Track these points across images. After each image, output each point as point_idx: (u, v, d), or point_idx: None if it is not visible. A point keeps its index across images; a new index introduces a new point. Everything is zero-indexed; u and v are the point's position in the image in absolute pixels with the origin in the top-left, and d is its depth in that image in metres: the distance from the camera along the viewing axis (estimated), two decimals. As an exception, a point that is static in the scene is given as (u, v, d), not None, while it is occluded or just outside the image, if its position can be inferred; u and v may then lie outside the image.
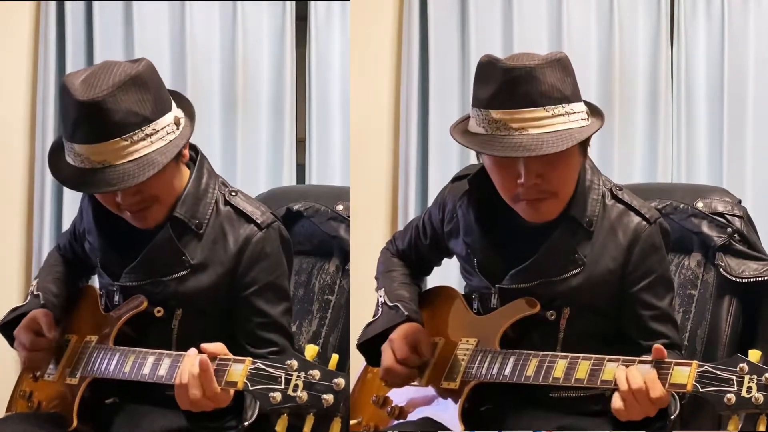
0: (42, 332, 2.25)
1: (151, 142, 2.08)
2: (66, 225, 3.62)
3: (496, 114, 2.05)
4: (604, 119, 2.17)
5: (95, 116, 2.03)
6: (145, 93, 2.07)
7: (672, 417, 1.98)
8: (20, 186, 3.67)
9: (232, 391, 1.94)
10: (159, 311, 2.20)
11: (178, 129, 2.13)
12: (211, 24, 3.72)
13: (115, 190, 2.07)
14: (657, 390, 1.92)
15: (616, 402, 1.95)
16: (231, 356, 1.94)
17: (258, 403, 1.96)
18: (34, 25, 3.67)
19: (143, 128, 2.06)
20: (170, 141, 2.11)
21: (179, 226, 2.20)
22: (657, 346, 1.96)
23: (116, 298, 2.26)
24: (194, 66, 3.69)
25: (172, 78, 3.65)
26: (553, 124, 2.04)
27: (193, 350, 2.00)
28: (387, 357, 2.23)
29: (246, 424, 2.04)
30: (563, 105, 2.05)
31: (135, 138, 2.06)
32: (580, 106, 2.09)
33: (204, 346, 1.98)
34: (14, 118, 3.66)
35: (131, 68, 2.08)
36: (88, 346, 2.24)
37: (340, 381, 1.81)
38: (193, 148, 2.28)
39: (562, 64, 2.07)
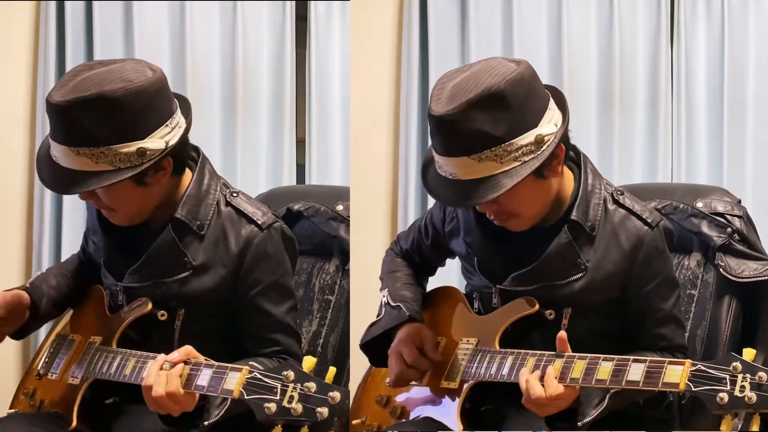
0: None
1: (96, 162, 2.07)
2: (66, 225, 3.64)
3: (436, 155, 2.07)
4: (561, 135, 2.07)
5: (56, 119, 2.07)
6: (108, 117, 2.05)
7: (580, 423, 2.00)
8: (20, 186, 3.67)
9: (197, 395, 1.97)
10: (162, 315, 2.21)
11: (140, 160, 2.10)
12: (211, 24, 3.72)
13: (50, 188, 2.20)
14: (551, 387, 1.97)
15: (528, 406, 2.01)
16: (228, 365, 1.94)
17: (226, 405, 2.01)
18: (34, 25, 3.67)
19: (91, 148, 2.06)
20: (120, 169, 2.08)
21: (181, 228, 2.20)
22: (560, 334, 2.02)
23: (120, 298, 2.26)
24: (194, 66, 3.69)
25: (172, 78, 3.64)
26: (482, 170, 2.01)
27: (161, 356, 2.02)
28: (397, 363, 2.23)
29: (206, 423, 2.04)
30: (492, 149, 2.00)
31: (81, 152, 2.06)
32: (523, 139, 2.01)
33: (170, 355, 2.01)
34: (14, 118, 3.66)
35: (118, 87, 2.05)
36: (91, 347, 2.25)
37: (336, 395, 1.81)
38: (195, 149, 2.28)
39: (495, 100, 1.98)
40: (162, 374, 1.98)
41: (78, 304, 2.41)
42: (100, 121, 2.04)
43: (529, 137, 2.02)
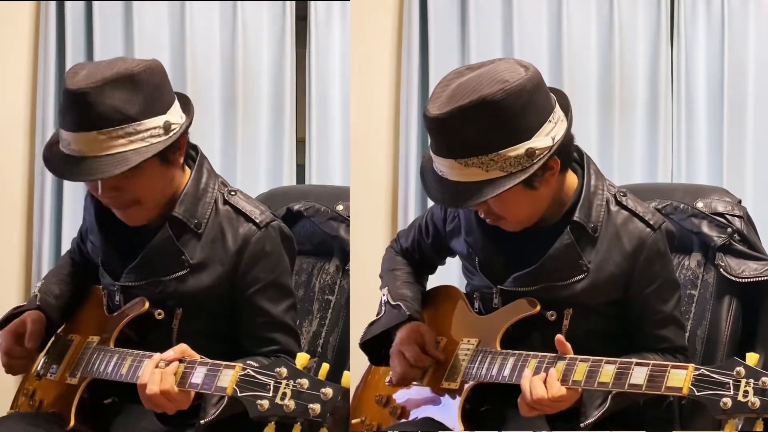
0: (23, 340, 2.27)
1: (130, 141, 2.07)
2: (66, 224, 3.63)
3: (430, 150, 2.09)
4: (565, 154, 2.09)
5: (79, 106, 2.05)
6: (135, 92, 2.07)
7: (582, 425, 2.00)
8: (20, 186, 3.67)
9: (191, 393, 1.98)
10: (160, 314, 2.21)
11: (166, 134, 2.12)
12: (211, 24, 3.72)
13: (79, 180, 2.13)
14: (553, 388, 1.97)
15: (523, 409, 2.01)
16: (222, 362, 1.94)
17: (223, 404, 2.02)
18: (34, 25, 3.67)
19: (124, 126, 2.06)
20: (152, 144, 2.09)
21: (178, 226, 2.20)
22: (558, 337, 2.02)
23: (117, 297, 2.26)
24: (194, 66, 3.69)
25: (172, 78, 3.61)
26: (467, 175, 2.01)
27: (157, 354, 2.03)
28: (399, 363, 2.23)
29: (202, 422, 2.05)
30: (479, 157, 1.99)
31: (113, 134, 2.06)
32: (512, 151, 1.99)
33: (165, 353, 2.01)
34: (14, 117, 3.66)
35: (132, 66, 2.08)
36: (89, 347, 2.25)
37: (328, 391, 1.81)
38: (194, 147, 2.28)
39: (489, 109, 1.97)
40: (157, 372, 1.98)
41: (76, 305, 2.41)
42: (131, 98, 2.06)
43: (519, 150, 2.00)
